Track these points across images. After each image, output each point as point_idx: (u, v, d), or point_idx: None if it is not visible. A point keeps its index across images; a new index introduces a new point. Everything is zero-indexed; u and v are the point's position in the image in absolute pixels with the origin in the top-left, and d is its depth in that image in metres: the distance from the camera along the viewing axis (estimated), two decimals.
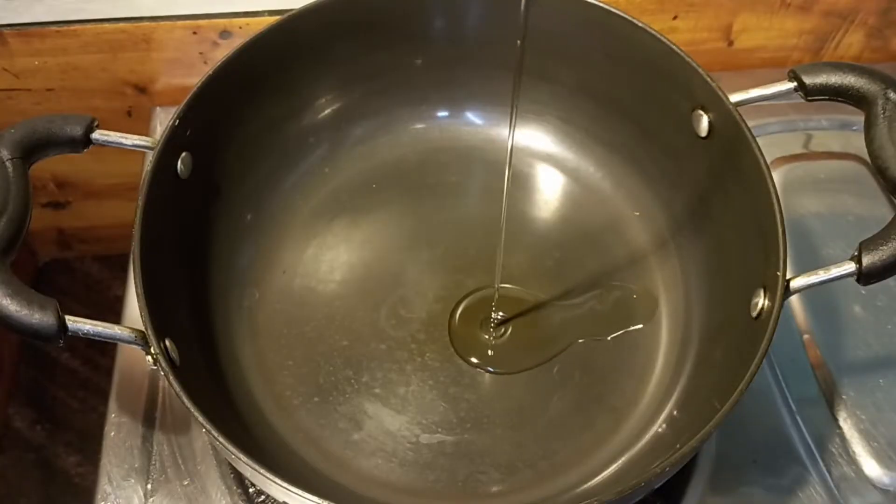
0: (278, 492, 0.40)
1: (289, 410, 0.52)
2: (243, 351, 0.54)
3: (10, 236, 0.43)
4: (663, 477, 0.41)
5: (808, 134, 0.71)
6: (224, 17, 0.67)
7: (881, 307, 0.61)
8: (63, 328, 0.41)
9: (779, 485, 0.54)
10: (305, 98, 0.59)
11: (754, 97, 0.50)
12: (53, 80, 0.71)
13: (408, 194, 0.61)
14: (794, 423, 0.56)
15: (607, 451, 0.51)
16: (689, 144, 0.54)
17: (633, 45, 0.54)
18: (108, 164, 0.81)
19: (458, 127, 0.64)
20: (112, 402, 0.55)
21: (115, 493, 0.52)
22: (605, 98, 0.59)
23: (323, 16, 0.55)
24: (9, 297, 0.40)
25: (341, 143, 0.62)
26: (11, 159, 0.44)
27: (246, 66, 0.53)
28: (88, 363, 0.96)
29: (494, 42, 0.59)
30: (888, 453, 0.55)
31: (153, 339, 0.42)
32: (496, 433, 0.52)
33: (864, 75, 0.48)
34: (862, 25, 0.76)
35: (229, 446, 0.39)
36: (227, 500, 0.52)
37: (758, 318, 0.46)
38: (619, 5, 0.54)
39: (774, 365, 0.58)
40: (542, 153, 0.63)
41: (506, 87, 0.62)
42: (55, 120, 0.46)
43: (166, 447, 0.53)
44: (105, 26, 0.66)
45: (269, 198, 0.59)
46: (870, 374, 0.58)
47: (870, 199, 0.66)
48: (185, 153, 0.50)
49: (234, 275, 0.56)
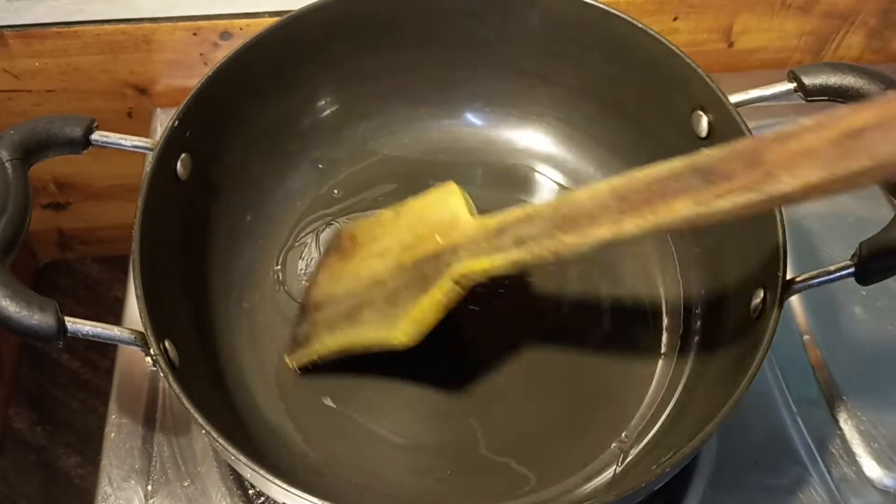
0: (278, 493, 0.40)
1: (289, 411, 0.52)
2: (243, 352, 0.54)
3: (10, 237, 0.43)
4: (664, 478, 0.41)
5: None
6: (224, 18, 0.67)
7: (881, 308, 0.61)
8: (62, 329, 0.41)
9: (779, 485, 0.54)
10: (305, 99, 0.59)
11: (754, 98, 0.50)
12: (54, 82, 0.71)
13: (408, 195, 0.61)
14: (795, 424, 0.56)
15: (607, 451, 0.51)
16: (689, 145, 0.53)
17: (634, 46, 0.54)
18: (108, 165, 0.81)
19: (457, 128, 0.64)
20: (112, 404, 0.55)
21: (115, 494, 0.52)
22: (605, 99, 0.59)
23: (323, 17, 0.55)
24: (8, 298, 0.40)
25: (341, 145, 0.62)
26: (11, 160, 0.44)
27: (246, 68, 0.53)
28: (89, 364, 0.96)
29: (494, 43, 0.60)
30: (888, 454, 0.55)
31: (153, 341, 0.42)
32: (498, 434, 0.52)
33: (864, 76, 0.48)
34: (862, 27, 0.76)
35: (229, 447, 0.39)
36: (227, 501, 0.52)
37: (758, 318, 0.46)
38: (619, 6, 0.54)
39: (775, 365, 0.58)
40: (542, 154, 0.63)
41: (505, 88, 0.62)
42: (55, 121, 0.47)
43: (166, 448, 0.53)
44: (105, 27, 0.66)
45: (269, 199, 0.59)
46: (870, 374, 0.58)
47: (870, 199, 0.66)
48: (185, 154, 0.50)
49: (234, 276, 0.56)
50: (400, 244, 0.50)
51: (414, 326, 0.47)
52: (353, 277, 0.52)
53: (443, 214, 0.49)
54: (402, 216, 0.52)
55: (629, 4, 0.69)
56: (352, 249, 0.53)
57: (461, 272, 0.46)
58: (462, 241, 0.47)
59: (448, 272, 0.46)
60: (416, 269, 0.48)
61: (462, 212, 0.48)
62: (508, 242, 0.44)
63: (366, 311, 0.49)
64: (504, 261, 0.44)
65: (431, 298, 0.47)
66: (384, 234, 0.52)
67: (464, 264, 0.46)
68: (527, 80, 0.62)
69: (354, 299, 0.50)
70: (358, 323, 0.49)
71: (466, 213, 0.48)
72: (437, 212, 0.50)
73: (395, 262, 0.49)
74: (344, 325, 0.50)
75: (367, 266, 0.51)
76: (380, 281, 0.50)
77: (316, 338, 0.51)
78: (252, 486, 0.52)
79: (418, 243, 0.49)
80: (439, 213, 0.49)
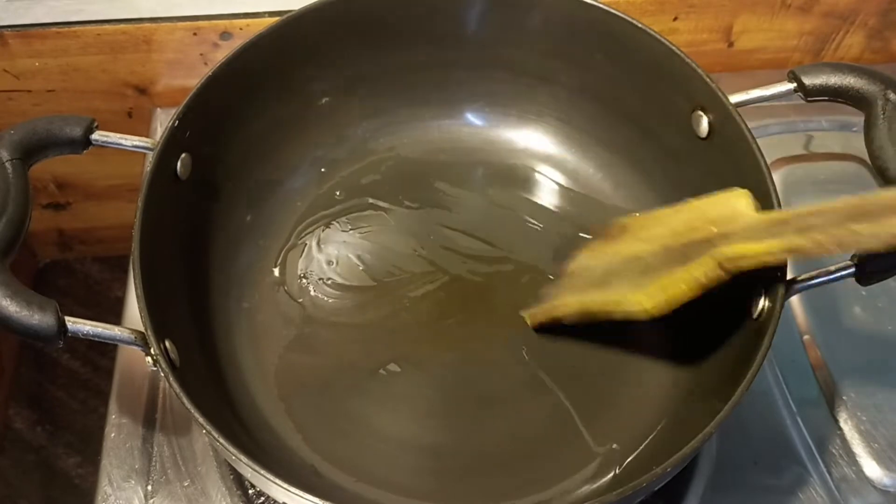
0: (278, 492, 0.40)
1: (289, 411, 0.52)
2: (243, 352, 0.54)
3: (10, 237, 0.43)
4: (665, 478, 0.41)
5: (808, 135, 0.71)
6: (224, 18, 0.67)
7: (882, 308, 0.61)
8: (63, 329, 0.41)
9: (779, 485, 0.54)
10: (305, 99, 0.59)
11: (754, 98, 0.50)
12: (54, 82, 0.71)
13: (408, 195, 0.61)
14: (795, 424, 0.56)
15: (608, 452, 0.51)
16: (689, 145, 0.54)
17: (634, 46, 0.54)
18: (108, 165, 0.81)
19: (458, 128, 0.64)
20: (112, 404, 0.55)
21: (115, 494, 0.52)
22: (605, 99, 0.59)
23: (323, 17, 0.55)
24: (8, 299, 0.40)
25: (340, 145, 0.62)
26: (11, 160, 0.44)
27: (246, 68, 0.53)
28: (89, 364, 0.96)
29: (494, 43, 0.60)
30: (888, 454, 0.55)
31: (153, 341, 0.42)
32: (498, 434, 0.52)
33: (863, 76, 0.48)
34: (862, 27, 0.76)
35: (229, 447, 0.39)
36: (227, 501, 0.52)
37: (758, 318, 0.46)
38: (619, 6, 0.54)
39: (775, 366, 0.58)
40: (542, 154, 0.63)
41: (506, 88, 0.62)
42: (55, 121, 0.47)
43: (166, 448, 0.53)
44: (105, 27, 0.66)
45: (269, 199, 0.59)
46: (870, 375, 0.58)
47: None
48: (185, 154, 0.50)
49: (234, 276, 0.56)
50: (671, 232, 0.48)
51: (662, 293, 0.44)
52: (613, 254, 0.51)
53: (724, 210, 0.46)
54: (680, 212, 0.49)
55: (629, 4, 0.69)
56: (618, 236, 0.52)
57: (729, 255, 0.43)
58: (739, 228, 0.44)
59: (714, 252, 0.43)
60: (681, 251, 0.45)
61: (747, 207, 0.45)
62: (789, 230, 0.41)
63: (616, 280, 0.48)
64: (780, 246, 0.41)
65: (688, 272, 0.44)
66: (656, 225, 0.50)
67: (733, 247, 0.43)
68: (527, 80, 0.62)
69: (608, 270, 0.49)
70: (606, 288, 0.48)
71: (751, 208, 0.45)
72: (719, 208, 0.47)
73: (661, 244, 0.47)
74: (591, 290, 0.50)
75: (631, 247, 0.50)
76: (639, 257, 0.48)
77: (559, 298, 0.51)
78: (252, 486, 0.52)
79: (690, 231, 0.46)
80: (721, 209, 0.46)
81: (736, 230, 0.44)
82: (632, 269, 0.48)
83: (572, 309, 0.51)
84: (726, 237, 0.44)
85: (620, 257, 0.50)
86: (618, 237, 0.52)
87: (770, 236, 0.42)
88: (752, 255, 0.42)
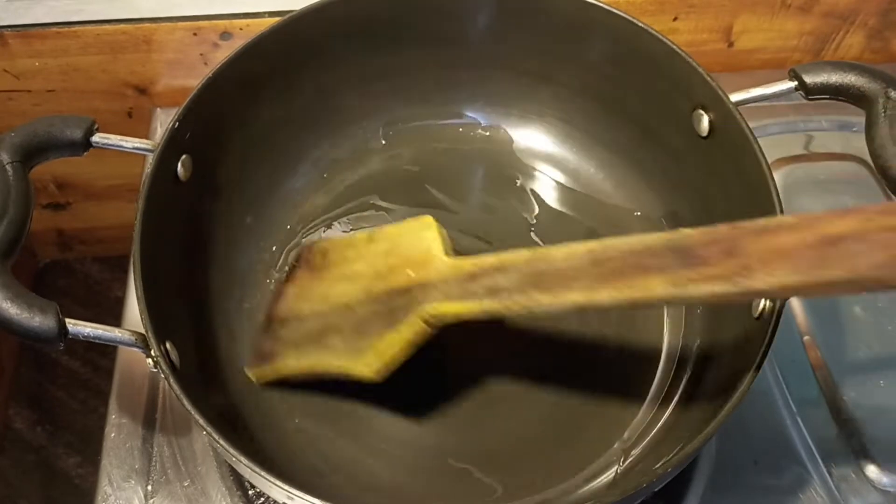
0: (278, 493, 0.40)
1: (289, 412, 0.52)
2: (244, 353, 0.54)
3: (11, 240, 0.43)
4: (665, 478, 0.41)
5: (808, 135, 0.71)
6: (224, 18, 0.67)
7: (881, 308, 0.61)
8: (63, 331, 0.41)
9: (779, 486, 0.54)
10: (305, 99, 0.59)
11: (755, 96, 0.50)
12: (54, 82, 0.71)
13: (408, 195, 0.61)
14: (795, 424, 0.56)
15: (609, 452, 0.51)
16: (689, 145, 0.54)
17: (634, 45, 0.54)
18: (108, 165, 0.81)
19: (458, 128, 0.64)
20: (112, 404, 0.55)
21: (115, 494, 0.52)
22: (605, 98, 0.59)
23: (323, 17, 0.55)
24: (9, 301, 0.40)
25: (340, 145, 0.62)
26: (11, 163, 0.44)
27: (246, 68, 0.53)
28: (89, 364, 0.96)
29: (495, 43, 0.60)
30: (888, 454, 0.54)
31: (153, 342, 0.42)
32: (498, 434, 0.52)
33: (864, 74, 0.48)
34: (862, 27, 0.76)
35: (229, 448, 0.39)
36: (227, 501, 0.52)
37: (759, 318, 0.46)
38: (619, 6, 0.54)
39: (775, 366, 0.58)
40: (543, 154, 0.63)
41: (506, 88, 0.62)
42: (55, 123, 0.47)
43: (166, 448, 0.53)
44: (105, 27, 0.66)
45: (269, 200, 0.59)
46: (870, 375, 0.58)
47: (871, 199, 0.66)
48: (185, 155, 0.50)
49: (234, 276, 0.56)
50: (372, 271, 0.49)
51: (380, 361, 0.46)
52: (321, 298, 0.51)
53: (417, 247, 0.48)
54: (375, 241, 0.51)
55: (629, 4, 0.69)
56: (322, 267, 0.52)
57: (431, 312, 0.45)
58: (434, 279, 0.46)
59: (418, 310, 0.45)
60: (386, 301, 0.47)
61: (437, 248, 0.47)
62: (481, 291, 0.43)
63: (332, 336, 0.48)
64: (476, 308, 0.43)
65: (399, 335, 0.46)
66: (357, 258, 0.51)
67: (434, 305, 0.45)
68: (527, 79, 0.62)
69: (322, 321, 0.50)
70: (324, 347, 0.49)
71: (441, 251, 0.47)
72: (411, 243, 0.49)
73: (365, 289, 0.48)
74: (310, 348, 0.49)
75: (337, 289, 0.50)
76: (349, 307, 0.49)
77: (281, 356, 0.51)
78: (252, 486, 0.52)
79: (390, 274, 0.48)
80: (413, 245, 0.48)
81: (432, 280, 0.46)
82: (345, 323, 0.48)
83: (297, 370, 0.50)
84: (425, 290, 0.45)
85: (330, 304, 0.50)
86: (321, 269, 0.52)
87: (466, 295, 0.44)
88: (452, 315, 0.44)
